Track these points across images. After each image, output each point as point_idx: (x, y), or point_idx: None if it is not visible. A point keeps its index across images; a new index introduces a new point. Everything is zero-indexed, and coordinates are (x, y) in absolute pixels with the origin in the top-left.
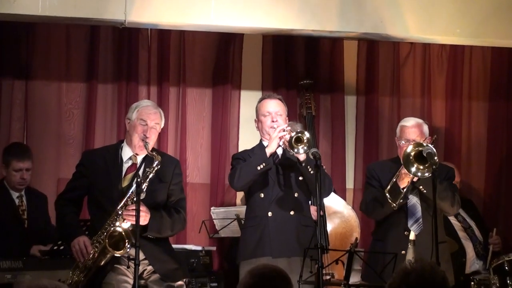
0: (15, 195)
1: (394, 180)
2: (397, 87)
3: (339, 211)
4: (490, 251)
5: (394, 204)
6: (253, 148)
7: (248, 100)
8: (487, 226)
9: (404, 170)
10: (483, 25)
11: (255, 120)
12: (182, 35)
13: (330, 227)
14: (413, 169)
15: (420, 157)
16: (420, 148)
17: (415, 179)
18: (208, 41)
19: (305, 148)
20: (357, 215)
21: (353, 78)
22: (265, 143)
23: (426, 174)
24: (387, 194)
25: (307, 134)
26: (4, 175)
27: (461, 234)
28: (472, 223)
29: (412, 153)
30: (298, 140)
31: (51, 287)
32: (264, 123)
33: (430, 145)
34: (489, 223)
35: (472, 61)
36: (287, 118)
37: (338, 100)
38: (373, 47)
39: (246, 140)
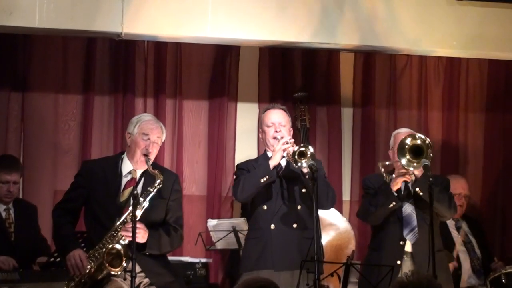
0: (2, 207)
1: (388, 181)
2: (394, 99)
3: (334, 224)
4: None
5: (394, 196)
6: (257, 158)
7: (244, 112)
8: (490, 250)
9: (396, 171)
10: (479, 38)
11: (258, 131)
12: (178, 47)
13: (325, 239)
14: (404, 161)
15: (414, 151)
16: (417, 142)
17: (409, 177)
18: (205, 54)
19: (309, 162)
20: (353, 227)
21: (349, 90)
22: (269, 153)
23: (414, 168)
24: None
25: (311, 149)
26: None
27: (460, 247)
28: (473, 240)
29: (409, 144)
30: (302, 154)
31: None
32: (267, 134)
33: (427, 138)
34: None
35: (469, 73)
36: (291, 128)
37: (335, 112)
38: (369, 59)
39: (243, 152)
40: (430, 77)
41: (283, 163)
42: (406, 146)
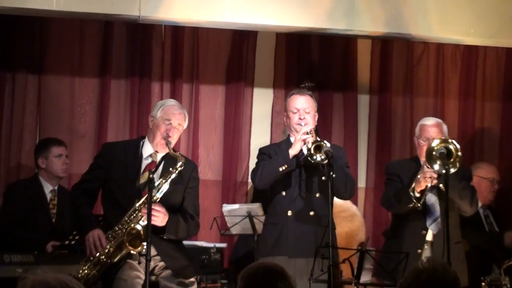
0: (48, 189)
1: (413, 185)
2: (411, 86)
3: (344, 211)
4: None
5: (419, 204)
6: (280, 143)
7: (260, 97)
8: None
9: (422, 175)
10: (497, 26)
11: (284, 114)
12: (196, 31)
13: (336, 227)
14: (437, 166)
15: (443, 153)
16: (445, 145)
17: (434, 182)
18: (222, 38)
19: (323, 157)
20: (368, 214)
21: (366, 77)
22: (292, 139)
23: (452, 170)
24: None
25: (327, 144)
26: (43, 167)
27: None
28: (498, 230)
29: (436, 148)
30: (318, 148)
31: (54, 283)
32: (291, 120)
33: (455, 142)
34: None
35: (486, 61)
36: (316, 114)
37: (351, 99)
38: (387, 46)
39: (258, 137)
40: (447, 65)
41: (305, 151)
42: (434, 152)
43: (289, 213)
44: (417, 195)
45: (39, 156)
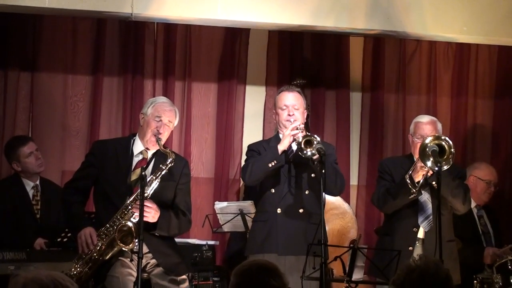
0: (29, 186)
1: (410, 173)
2: (403, 84)
3: (336, 208)
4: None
5: (414, 190)
6: (269, 139)
7: (253, 95)
8: (503, 238)
9: (419, 163)
10: (490, 24)
11: (273, 112)
12: (188, 29)
13: (327, 224)
14: (429, 163)
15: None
16: (438, 142)
17: (430, 173)
18: (214, 36)
19: (313, 152)
20: (360, 212)
21: (358, 74)
22: (281, 136)
23: (445, 167)
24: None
25: (317, 138)
26: (19, 169)
27: None
28: (491, 231)
29: (430, 145)
30: (308, 142)
31: (47, 280)
32: (280, 116)
33: (448, 138)
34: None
35: (478, 59)
36: (305, 111)
37: (344, 96)
38: (379, 44)
39: (251, 135)
40: (440, 63)
41: (294, 147)
42: (427, 149)
43: (279, 210)
44: (416, 180)
45: (11, 161)
